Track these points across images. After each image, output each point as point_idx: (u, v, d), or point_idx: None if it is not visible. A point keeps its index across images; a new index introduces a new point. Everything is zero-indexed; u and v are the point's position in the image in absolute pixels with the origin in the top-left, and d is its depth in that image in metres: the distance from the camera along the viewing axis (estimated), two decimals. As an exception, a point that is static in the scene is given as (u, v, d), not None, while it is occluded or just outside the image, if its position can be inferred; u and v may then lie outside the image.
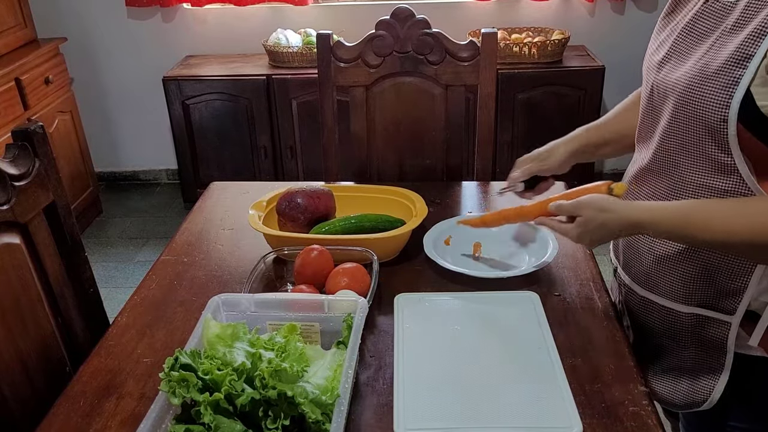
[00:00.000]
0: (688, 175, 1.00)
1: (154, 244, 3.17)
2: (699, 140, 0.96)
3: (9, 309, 1.13)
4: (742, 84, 0.87)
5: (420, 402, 0.98)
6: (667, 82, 1.00)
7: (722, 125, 0.91)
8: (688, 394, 1.11)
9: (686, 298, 1.06)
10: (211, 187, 1.73)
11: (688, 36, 0.99)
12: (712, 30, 0.95)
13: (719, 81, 0.90)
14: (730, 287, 1.01)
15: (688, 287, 1.06)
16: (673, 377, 1.13)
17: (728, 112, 0.89)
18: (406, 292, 1.24)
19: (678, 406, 1.14)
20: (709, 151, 0.95)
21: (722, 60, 0.90)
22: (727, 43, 0.91)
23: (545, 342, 1.09)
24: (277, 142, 3.22)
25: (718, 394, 1.07)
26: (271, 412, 0.87)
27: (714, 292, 1.03)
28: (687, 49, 0.99)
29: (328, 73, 1.77)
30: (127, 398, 1.03)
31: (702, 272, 1.03)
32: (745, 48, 0.87)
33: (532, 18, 3.34)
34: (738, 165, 0.93)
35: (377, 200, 1.50)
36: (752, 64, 0.86)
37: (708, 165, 0.97)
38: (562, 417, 0.94)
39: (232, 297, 1.10)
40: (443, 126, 1.80)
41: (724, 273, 1.01)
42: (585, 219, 1.05)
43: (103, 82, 3.57)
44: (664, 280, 1.08)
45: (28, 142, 1.22)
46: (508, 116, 3.07)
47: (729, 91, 0.89)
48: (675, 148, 1.01)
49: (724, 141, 0.92)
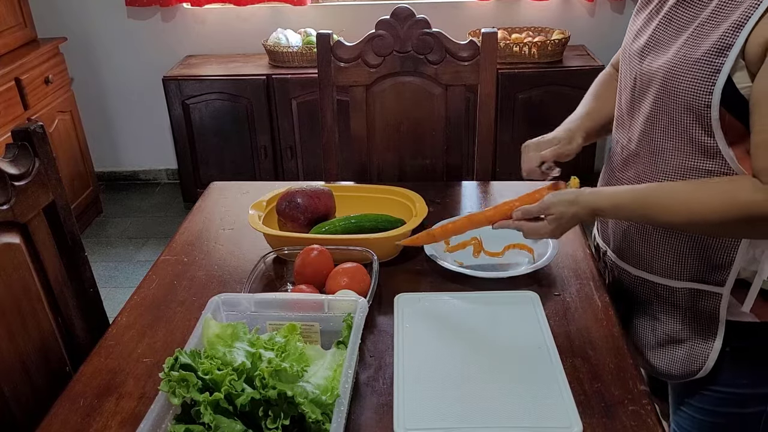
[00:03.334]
0: (672, 158, 1.06)
1: (154, 244, 3.18)
2: (684, 124, 1.02)
3: (9, 309, 1.13)
4: (724, 71, 0.95)
5: (420, 402, 0.98)
6: (650, 70, 1.06)
7: (706, 110, 0.98)
8: (685, 364, 1.16)
9: (679, 274, 1.12)
10: (211, 187, 1.73)
11: (667, 26, 1.05)
12: (690, 20, 1.01)
13: (702, 69, 0.97)
14: (719, 261, 1.07)
15: (680, 264, 1.12)
16: (670, 349, 1.18)
17: (711, 98, 0.97)
18: (406, 292, 1.24)
19: (676, 376, 1.18)
20: (694, 135, 1.02)
21: (704, 49, 0.97)
22: (707, 34, 0.97)
23: (545, 342, 1.09)
24: (277, 142, 3.22)
25: (712, 361, 1.13)
26: (271, 412, 0.87)
27: (705, 266, 1.09)
28: (668, 38, 1.05)
29: (328, 73, 1.77)
30: (127, 398, 1.03)
31: (693, 249, 1.09)
32: (726, 38, 0.94)
33: (532, 18, 3.34)
34: (720, 147, 1.00)
35: (377, 200, 1.50)
36: (732, 53, 0.94)
37: (692, 148, 1.03)
38: (562, 417, 0.94)
39: (232, 297, 1.10)
40: (443, 126, 1.80)
41: (713, 248, 1.07)
42: (557, 215, 1.11)
43: (103, 81, 3.57)
44: (656, 259, 1.14)
45: (28, 142, 1.22)
46: (508, 116, 3.07)
47: (712, 79, 0.96)
48: (659, 133, 1.07)
49: (708, 124, 0.99)
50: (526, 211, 1.14)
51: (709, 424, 1.18)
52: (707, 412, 1.18)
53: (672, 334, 1.17)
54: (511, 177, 1.29)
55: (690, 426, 1.21)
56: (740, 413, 1.15)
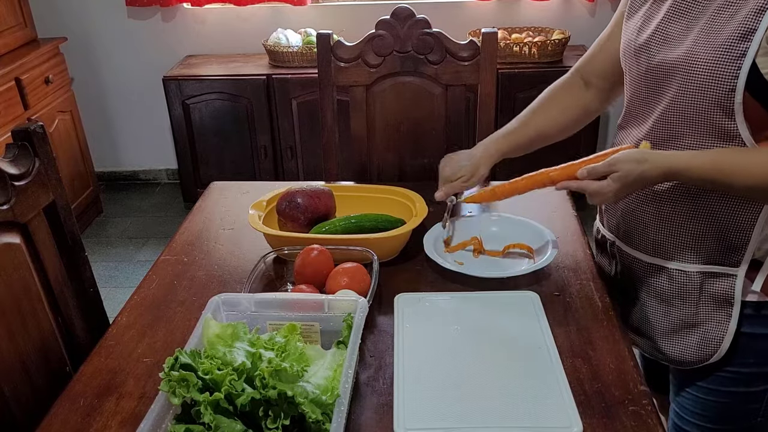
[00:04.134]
0: (690, 143, 1.07)
1: (154, 244, 3.18)
2: (704, 110, 1.03)
3: (9, 309, 1.13)
4: (749, 55, 0.96)
5: (420, 402, 0.98)
6: (668, 61, 1.07)
7: (730, 94, 0.99)
8: (699, 348, 1.17)
9: (695, 257, 1.14)
10: (211, 187, 1.73)
11: (678, 16, 1.07)
12: (704, 9, 1.03)
13: (726, 54, 0.98)
14: (735, 241, 1.09)
15: (696, 247, 1.13)
16: (683, 335, 1.19)
17: (737, 82, 0.98)
18: (406, 292, 1.24)
19: (690, 362, 1.19)
20: (715, 120, 1.03)
21: (726, 35, 0.98)
22: (726, 20, 0.99)
23: (545, 342, 1.09)
24: (277, 142, 3.22)
25: (727, 344, 1.14)
26: (271, 412, 0.87)
27: (721, 247, 1.11)
28: (680, 30, 1.06)
29: (328, 73, 1.77)
30: (127, 398, 1.03)
31: (709, 231, 1.11)
32: (748, 23, 0.96)
33: (532, 18, 3.34)
34: (740, 130, 1.02)
35: (377, 200, 1.50)
36: (756, 37, 0.96)
37: (711, 132, 1.05)
38: (562, 417, 0.94)
39: (232, 297, 1.10)
40: (443, 126, 1.80)
41: (729, 228, 1.09)
42: (623, 173, 1.06)
43: (103, 81, 3.57)
44: (672, 244, 1.15)
45: (28, 142, 1.22)
46: (508, 116, 3.01)
47: (737, 63, 0.97)
48: (676, 120, 1.08)
49: (730, 109, 1.01)
50: (592, 169, 1.10)
51: (713, 403, 1.20)
52: (712, 391, 1.19)
53: (686, 319, 1.17)
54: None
55: (693, 406, 1.22)
56: (745, 392, 1.17)
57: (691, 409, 1.23)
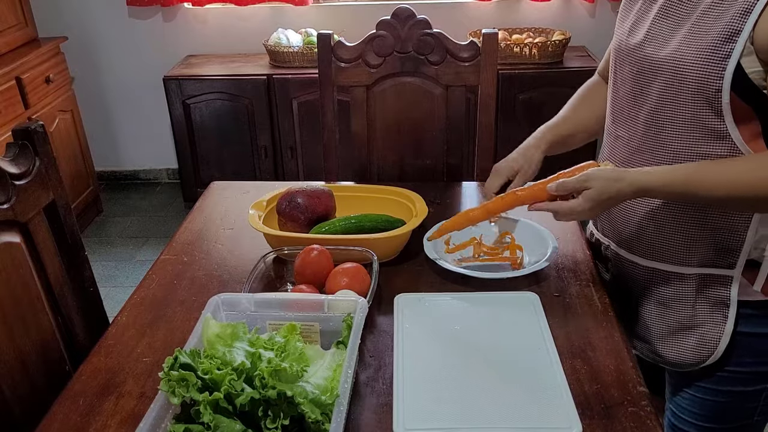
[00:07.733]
0: (681, 144, 1.07)
1: (154, 244, 3.18)
2: (693, 110, 1.04)
3: (9, 309, 1.13)
4: (734, 56, 0.97)
5: (420, 402, 0.98)
6: (655, 60, 1.07)
7: (716, 95, 1.00)
8: (697, 350, 1.17)
9: (691, 260, 1.14)
10: (212, 187, 1.73)
11: (667, 16, 1.07)
12: (692, 9, 1.03)
13: (712, 54, 0.99)
14: (730, 244, 1.10)
15: (692, 250, 1.13)
16: (681, 338, 1.19)
17: (722, 83, 0.99)
18: (406, 292, 1.24)
19: (689, 364, 1.19)
20: (703, 120, 1.04)
21: (712, 36, 0.99)
22: (713, 20, 1.00)
23: (545, 342, 1.09)
24: (278, 142, 3.22)
25: (724, 345, 1.14)
26: (270, 412, 0.87)
27: (716, 250, 1.11)
28: (669, 29, 1.06)
29: (329, 73, 1.77)
30: (126, 397, 1.03)
31: (703, 234, 1.11)
32: (733, 24, 0.97)
33: (532, 18, 3.34)
34: (730, 130, 1.02)
35: (377, 200, 1.50)
36: (741, 38, 0.96)
37: (702, 133, 1.05)
38: (561, 417, 0.94)
39: (232, 297, 1.10)
40: (444, 126, 1.80)
41: (723, 231, 1.09)
42: (596, 191, 1.05)
43: (103, 81, 3.57)
44: (667, 247, 1.15)
45: (28, 141, 1.22)
46: (508, 117, 3.07)
47: (722, 64, 0.98)
48: (666, 121, 1.08)
49: (718, 109, 1.01)
50: (562, 184, 1.09)
51: (710, 403, 1.20)
52: (710, 391, 1.20)
53: (683, 321, 1.17)
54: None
55: (690, 406, 1.23)
56: (742, 391, 1.18)
57: (689, 408, 1.23)
